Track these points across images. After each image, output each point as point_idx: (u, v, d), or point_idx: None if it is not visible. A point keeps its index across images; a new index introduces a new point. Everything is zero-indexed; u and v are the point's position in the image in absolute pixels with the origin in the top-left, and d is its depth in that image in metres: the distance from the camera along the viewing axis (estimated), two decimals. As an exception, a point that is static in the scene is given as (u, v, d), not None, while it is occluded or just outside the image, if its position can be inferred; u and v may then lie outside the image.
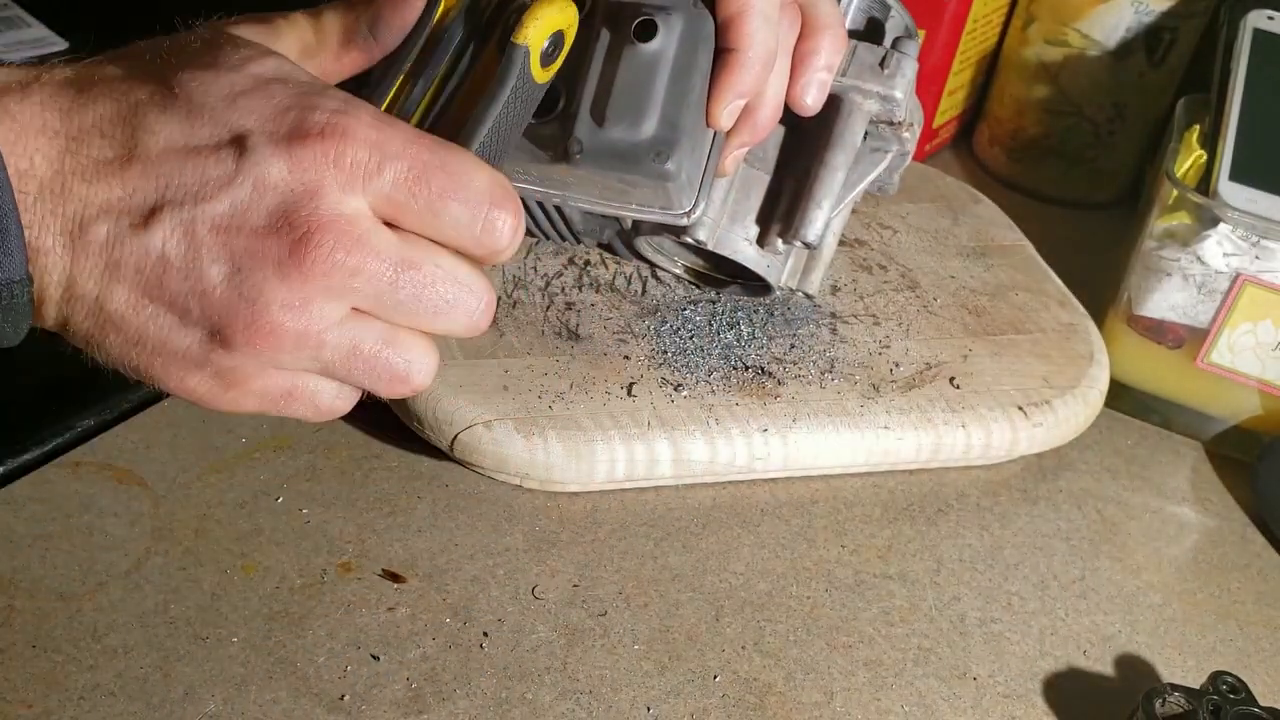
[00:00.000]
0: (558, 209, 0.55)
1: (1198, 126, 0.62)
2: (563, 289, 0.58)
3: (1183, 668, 0.49)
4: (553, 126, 0.43)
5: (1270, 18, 0.64)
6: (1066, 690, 0.48)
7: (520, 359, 0.54)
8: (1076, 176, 0.80)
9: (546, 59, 0.37)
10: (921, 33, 0.77)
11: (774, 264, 0.54)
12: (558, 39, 0.38)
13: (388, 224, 0.35)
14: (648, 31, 0.42)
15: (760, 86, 0.44)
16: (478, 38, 0.39)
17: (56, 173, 0.33)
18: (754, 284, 0.57)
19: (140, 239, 0.33)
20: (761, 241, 0.51)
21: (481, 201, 0.35)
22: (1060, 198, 0.81)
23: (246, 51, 0.36)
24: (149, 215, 0.33)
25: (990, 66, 0.83)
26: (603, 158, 0.42)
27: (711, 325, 0.57)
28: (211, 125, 0.34)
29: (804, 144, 0.51)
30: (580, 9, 0.42)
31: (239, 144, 0.33)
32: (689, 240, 0.51)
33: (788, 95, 0.46)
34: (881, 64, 0.48)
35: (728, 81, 0.43)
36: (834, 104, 0.49)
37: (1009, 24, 0.81)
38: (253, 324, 0.34)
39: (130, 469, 0.51)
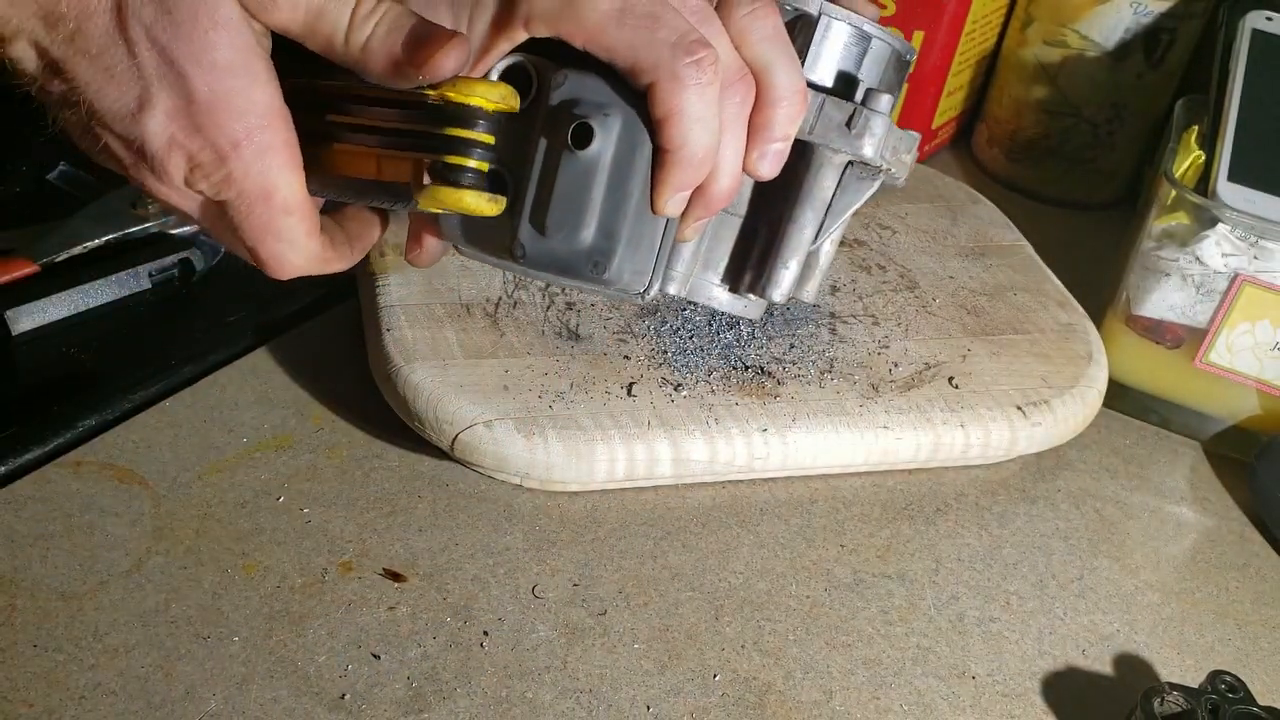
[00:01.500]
0: None
1: (1196, 127, 0.62)
2: (563, 289, 0.58)
3: (1181, 667, 0.49)
4: (501, 218, 0.43)
5: (1269, 18, 0.64)
6: (1065, 689, 0.48)
7: (520, 359, 0.54)
8: (1075, 177, 0.81)
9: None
10: (920, 34, 0.77)
11: (750, 304, 0.52)
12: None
13: None
14: (584, 137, 0.41)
15: (700, 178, 0.43)
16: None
17: None
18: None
19: None
20: (734, 289, 0.49)
21: None
22: (1059, 198, 0.81)
23: None
24: None
25: (989, 67, 0.83)
26: (543, 264, 0.42)
27: (711, 325, 0.57)
28: None
29: (777, 189, 0.49)
30: (525, 96, 0.42)
31: None
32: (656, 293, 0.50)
33: (744, 163, 0.45)
34: (849, 122, 0.46)
35: (666, 178, 0.42)
36: (803, 154, 0.46)
37: (1008, 25, 0.81)
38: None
39: (131, 468, 0.51)
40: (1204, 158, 0.59)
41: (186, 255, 0.61)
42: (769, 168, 0.44)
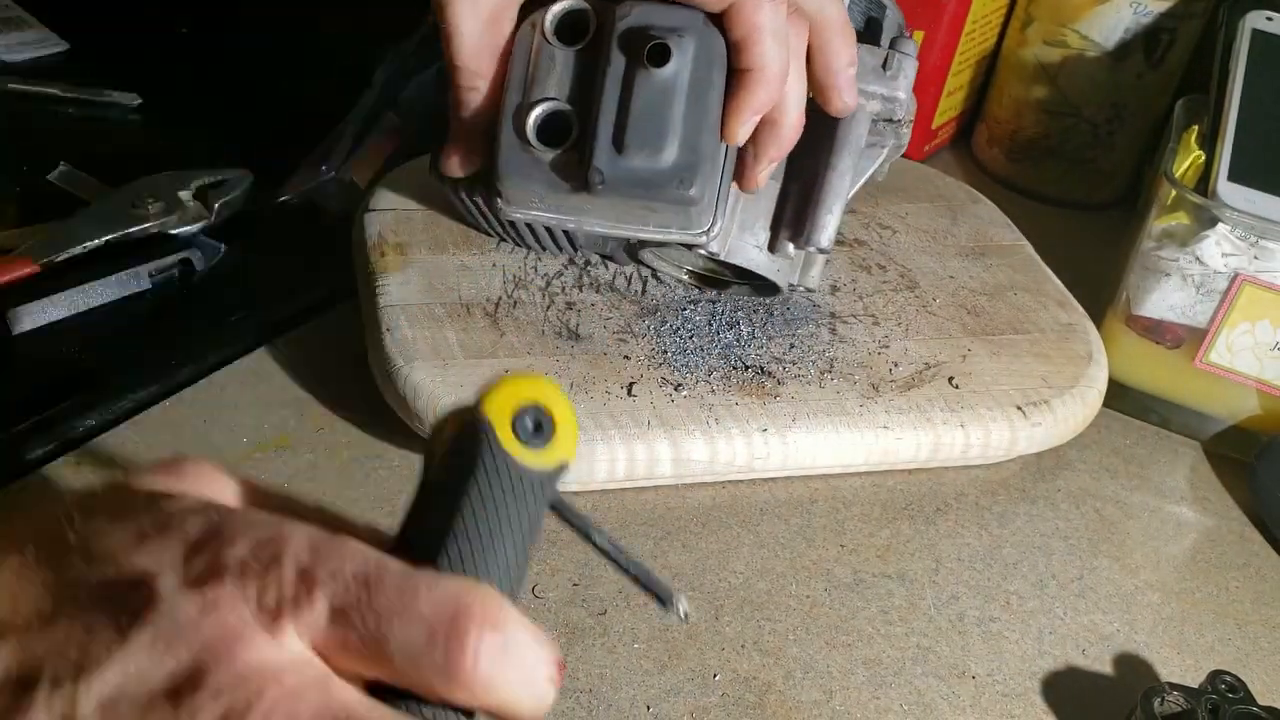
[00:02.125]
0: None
1: (1196, 127, 0.62)
2: (563, 289, 0.58)
3: (1181, 667, 0.49)
4: (568, 155, 0.43)
5: (1269, 18, 0.64)
6: (1065, 689, 0.48)
7: (520, 359, 0.54)
8: (1075, 177, 0.81)
9: (530, 435, 0.30)
10: (920, 33, 0.77)
11: (783, 268, 0.54)
12: (537, 413, 0.30)
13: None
14: (662, 56, 0.42)
15: (774, 99, 0.44)
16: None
17: None
18: (757, 284, 0.57)
19: None
20: (772, 247, 0.50)
21: (440, 618, 0.25)
22: (1059, 198, 0.81)
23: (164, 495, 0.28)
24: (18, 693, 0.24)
25: (989, 67, 0.83)
26: (625, 186, 0.42)
27: (711, 325, 0.57)
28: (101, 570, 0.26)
29: (807, 147, 0.51)
30: (582, 38, 0.42)
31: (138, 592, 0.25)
32: (701, 253, 0.51)
33: (824, 100, 0.46)
34: (884, 65, 0.48)
35: (746, 101, 0.43)
36: None
37: (1008, 25, 0.81)
38: None
39: (131, 469, 0.51)
40: (1204, 158, 0.59)
41: (186, 255, 0.61)
42: (849, 96, 0.47)
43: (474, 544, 0.29)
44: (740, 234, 0.51)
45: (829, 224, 0.49)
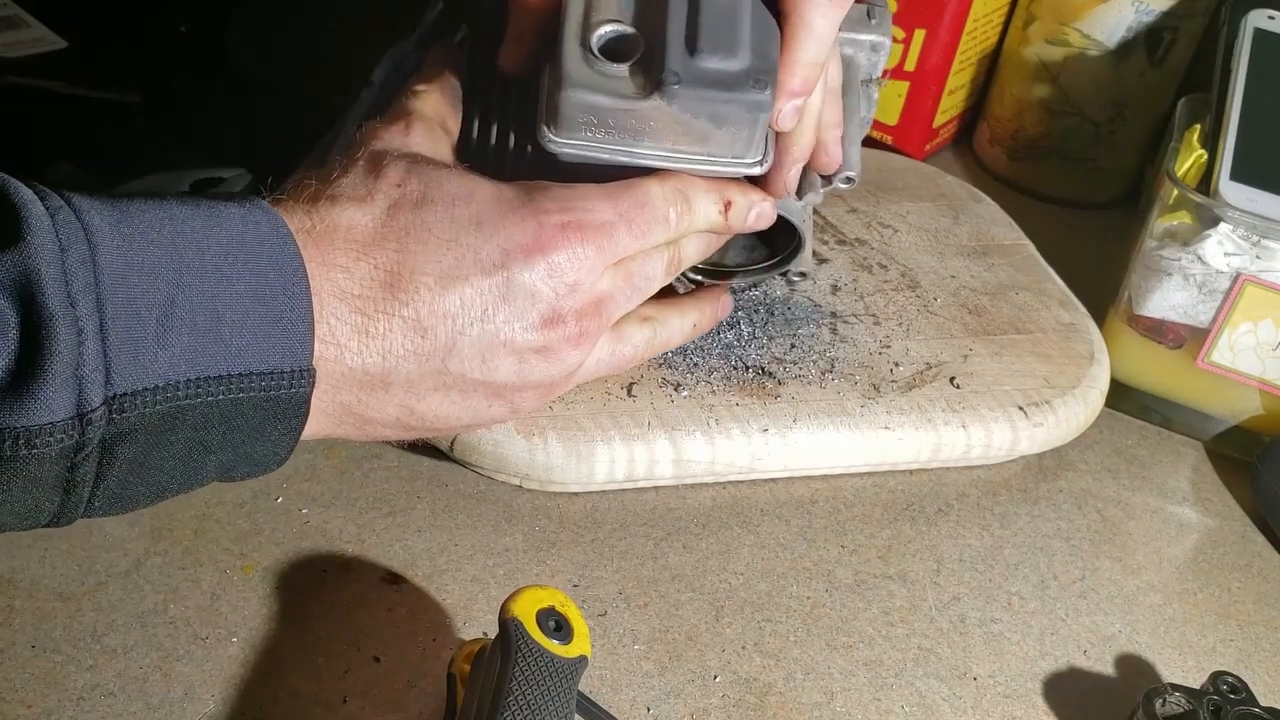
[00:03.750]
0: None
1: (1198, 126, 0.61)
2: (563, 289, 0.58)
3: (1183, 668, 0.49)
4: (635, 70, 0.43)
5: (1271, 17, 0.64)
6: (1067, 690, 0.47)
7: (520, 359, 0.54)
8: (1077, 176, 0.80)
9: (552, 632, 0.38)
10: (922, 32, 0.77)
11: (805, 221, 0.54)
12: (556, 615, 0.38)
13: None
14: None
15: (822, 61, 0.46)
16: None
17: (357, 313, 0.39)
18: (762, 270, 0.57)
19: (433, 363, 0.40)
20: (801, 190, 0.51)
21: (661, 203, 0.44)
22: (1061, 197, 0.81)
23: (448, 185, 0.41)
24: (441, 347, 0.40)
25: (990, 66, 0.83)
26: (700, 85, 0.42)
27: (711, 325, 0.57)
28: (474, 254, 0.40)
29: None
30: None
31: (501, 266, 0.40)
32: None
33: (813, 158, 0.50)
34: (869, 14, 0.51)
35: (795, 54, 0.45)
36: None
37: (1009, 23, 0.81)
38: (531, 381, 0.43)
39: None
40: (1206, 157, 0.59)
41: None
42: (834, 151, 0.50)
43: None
44: None
45: (854, 156, 0.51)
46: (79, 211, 0.32)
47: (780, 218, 0.54)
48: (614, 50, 0.43)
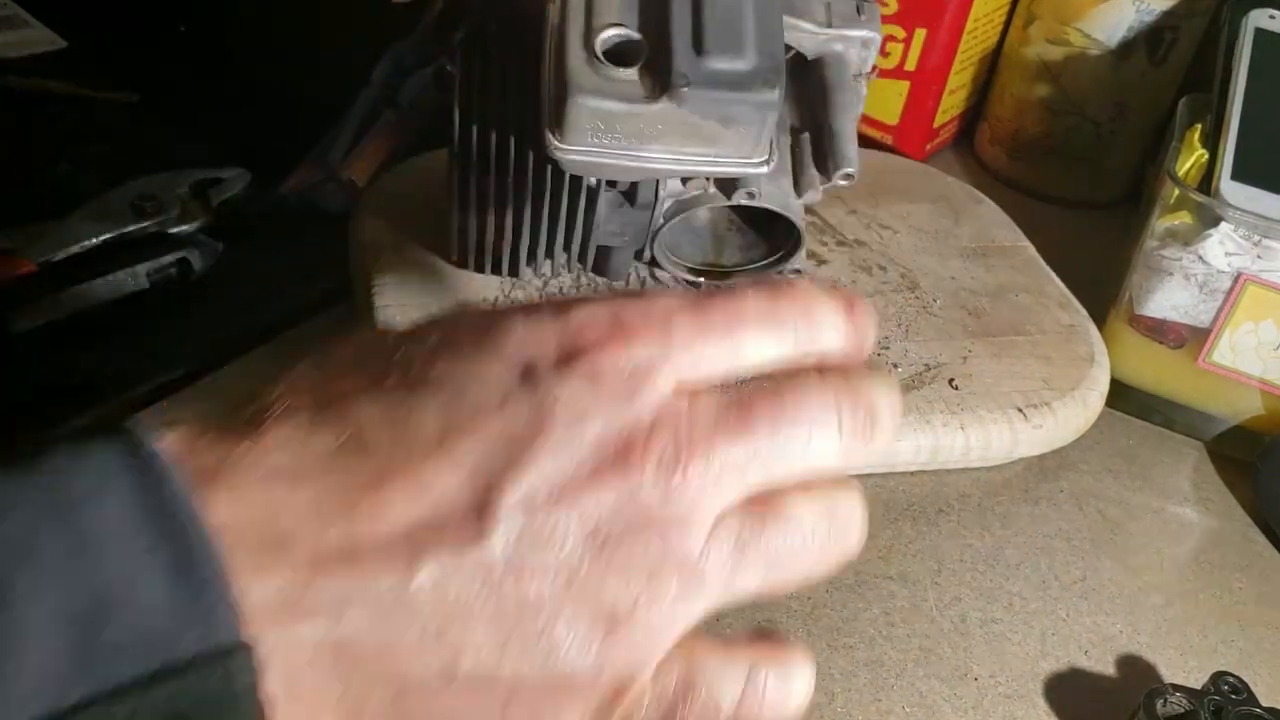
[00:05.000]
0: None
1: (1199, 126, 0.61)
2: (561, 289, 0.58)
3: (1184, 668, 0.49)
4: (642, 73, 0.42)
5: (1272, 17, 0.64)
6: (1068, 691, 0.47)
7: (520, 359, 0.53)
8: (1078, 176, 0.80)
9: None
10: (922, 32, 0.77)
11: (804, 222, 0.55)
12: None
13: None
14: None
15: None
16: None
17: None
18: (755, 270, 0.57)
19: (466, 556, 0.25)
20: (800, 188, 0.51)
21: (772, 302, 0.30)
22: (1061, 197, 0.81)
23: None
24: (480, 516, 0.25)
25: (991, 66, 0.83)
26: (710, 87, 0.42)
27: (712, 325, 0.57)
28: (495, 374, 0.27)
29: (804, 104, 0.52)
30: None
31: (528, 379, 0.26)
32: (742, 202, 0.51)
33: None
34: (858, 10, 0.51)
35: None
36: (821, 59, 0.51)
37: (1010, 23, 0.81)
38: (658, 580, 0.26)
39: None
40: (1207, 156, 0.59)
41: (184, 255, 0.61)
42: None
43: None
44: (769, 183, 0.52)
45: (851, 151, 0.51)
46: None
47: (778, 215, 0.54)
48: (618, 54, 0.43)
